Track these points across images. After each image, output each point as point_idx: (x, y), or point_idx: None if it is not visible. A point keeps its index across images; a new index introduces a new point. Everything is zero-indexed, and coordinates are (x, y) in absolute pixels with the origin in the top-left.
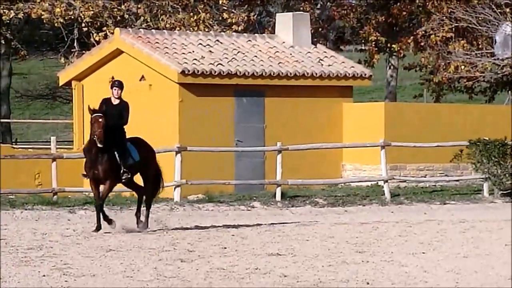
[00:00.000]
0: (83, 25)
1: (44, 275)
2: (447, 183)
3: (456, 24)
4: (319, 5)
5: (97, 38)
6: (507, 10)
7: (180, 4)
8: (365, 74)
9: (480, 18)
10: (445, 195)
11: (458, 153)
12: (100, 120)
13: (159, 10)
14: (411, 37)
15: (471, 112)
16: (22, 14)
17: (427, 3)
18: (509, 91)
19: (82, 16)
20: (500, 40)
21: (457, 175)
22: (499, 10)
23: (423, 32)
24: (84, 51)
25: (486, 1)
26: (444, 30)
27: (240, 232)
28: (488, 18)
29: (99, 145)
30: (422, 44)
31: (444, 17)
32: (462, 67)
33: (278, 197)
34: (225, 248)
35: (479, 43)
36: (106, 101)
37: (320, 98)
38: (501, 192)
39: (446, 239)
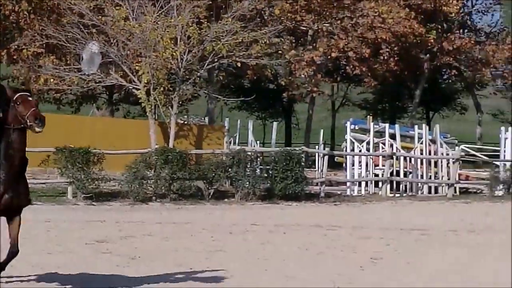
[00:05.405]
0: None
1: None
2: (35, 185)
3: (47, 41)
4: None
5: None
6: (94, 30)
7: None
8: None
9: (69, 36)
10: (33, 196)
11: (45, 158)
12: (31, 99)
13: None
14: (5, 50)
15: (59, 121)
16: None
17: (20, 21)
18: (94, 104)
19: None
20: (87, 57)
21: (44, 178)
22: (86, 30)
23: (16, 46)
24: None
25: (74, 21)
26: (36, 46)
27: None
28: (77, 36)
29: (38, 129)
30: (15, 57)
31: (36, 34)
32: (52, 80)
33: None
34: None
35: (68, 59)
36: None
37: None
38: (84, 195)
39: (31, 236)
